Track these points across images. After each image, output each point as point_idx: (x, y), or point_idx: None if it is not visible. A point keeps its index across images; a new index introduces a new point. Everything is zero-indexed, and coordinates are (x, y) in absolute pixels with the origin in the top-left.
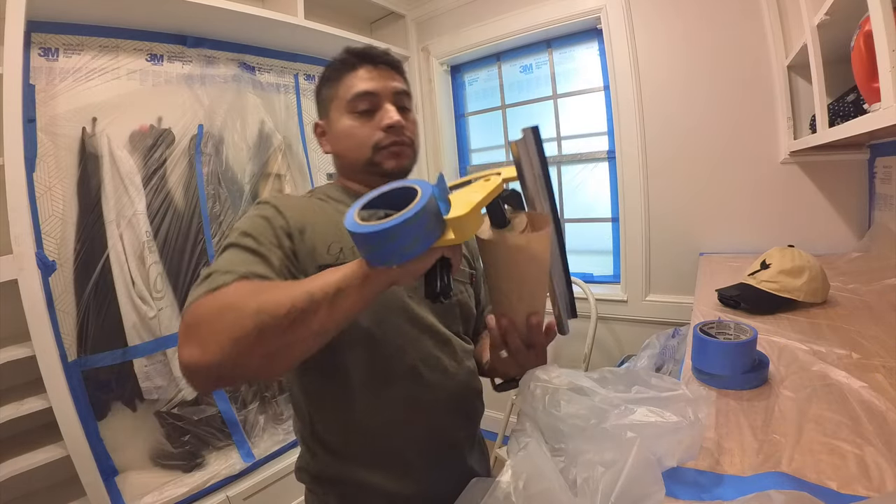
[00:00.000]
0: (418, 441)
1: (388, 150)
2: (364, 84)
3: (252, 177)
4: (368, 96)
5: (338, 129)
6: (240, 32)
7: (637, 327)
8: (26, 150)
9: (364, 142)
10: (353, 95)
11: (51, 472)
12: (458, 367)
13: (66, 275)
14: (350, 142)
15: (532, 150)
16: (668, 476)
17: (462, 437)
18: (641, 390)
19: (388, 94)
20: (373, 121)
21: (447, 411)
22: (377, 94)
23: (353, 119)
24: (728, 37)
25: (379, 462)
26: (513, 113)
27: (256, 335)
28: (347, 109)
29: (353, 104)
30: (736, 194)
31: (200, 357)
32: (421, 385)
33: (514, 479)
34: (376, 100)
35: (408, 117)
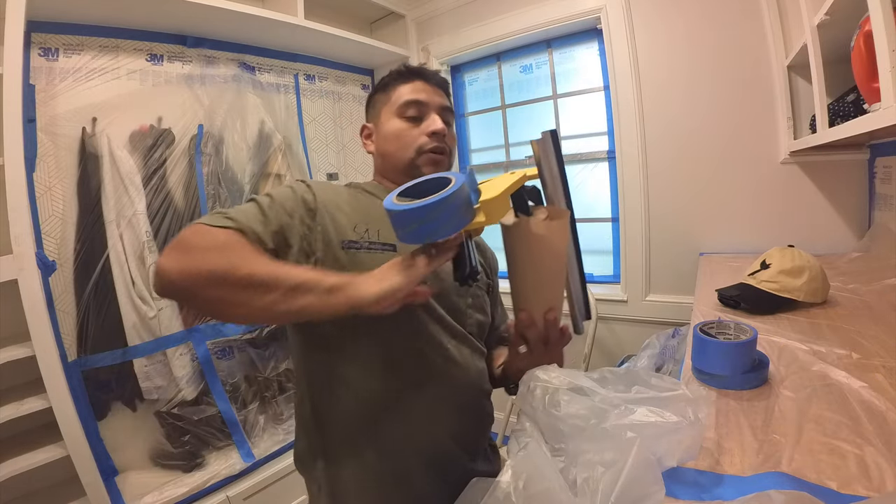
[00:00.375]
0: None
1: (429, 155)
2: (416, 94)
3: (252, 177)
4: (418, 104)
5: (386, 129)
6: (240, 32)
7: (637, 327)
8: (26, 150)
9: (410, 144)
10: (404, 101)
11: (51, 472)
12: (467, 361)
13: (66, 275)
14: (397, 143)
15: (550, 151)
16: (668, 476)
17: (467, 438)
18: (641, 390)
19: (435, 106)
20: (419, 127)
21: (452, 404)
22: (426, 104)
23: (402, 122)
24: (728, 37)
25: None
26: (513, 113)
27: (211, 277)
28: (397, 113)
29: (404, 109)
30: (736, 194)
31: (167, 267)
32: (425, 369)
33: (514, 479)
34: (424, 109)
35: (449, 132)
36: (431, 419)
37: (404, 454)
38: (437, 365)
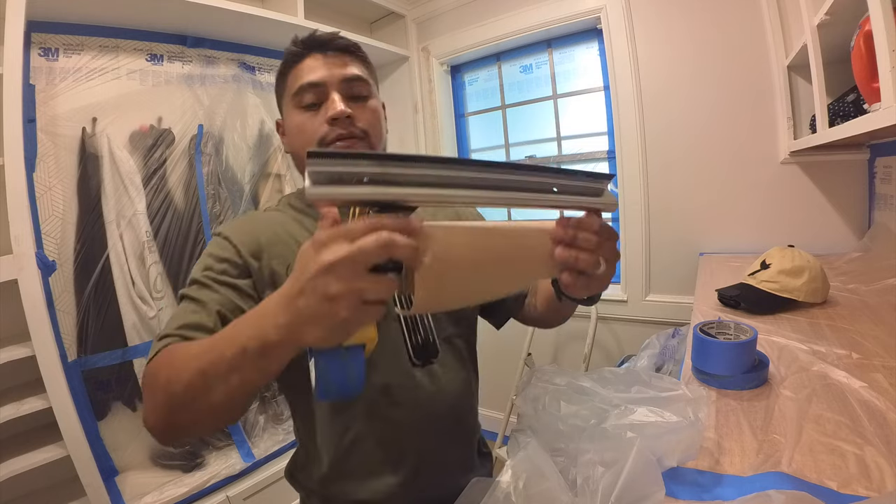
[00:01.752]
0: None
1: (335, 146)
2: (309, 75)
3: (252, 177)
4: (313, 88)
5: (289, 125)
6: (240, 32)
7: (637, 327)
8: (26, 150)
9: (311, 137)
10: (297, 88)
11: (51, 472)
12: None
13: (66, 275)
14: (299, 139)
15: None
16: (668, 476)
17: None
18: (641, 390)
19: (335, 82)
20: (320, 114)
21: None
22: (323, 83)
23: (301, 113)
24: (728, 37)
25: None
26: (513, 113)
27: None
28: (294, 104)
29: (299, 97)
30: (736, 194)
31: (147, 421)
32: (391, 404)
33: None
34: (323, 90)
35: (363, 106)
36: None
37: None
38: (405, 395)
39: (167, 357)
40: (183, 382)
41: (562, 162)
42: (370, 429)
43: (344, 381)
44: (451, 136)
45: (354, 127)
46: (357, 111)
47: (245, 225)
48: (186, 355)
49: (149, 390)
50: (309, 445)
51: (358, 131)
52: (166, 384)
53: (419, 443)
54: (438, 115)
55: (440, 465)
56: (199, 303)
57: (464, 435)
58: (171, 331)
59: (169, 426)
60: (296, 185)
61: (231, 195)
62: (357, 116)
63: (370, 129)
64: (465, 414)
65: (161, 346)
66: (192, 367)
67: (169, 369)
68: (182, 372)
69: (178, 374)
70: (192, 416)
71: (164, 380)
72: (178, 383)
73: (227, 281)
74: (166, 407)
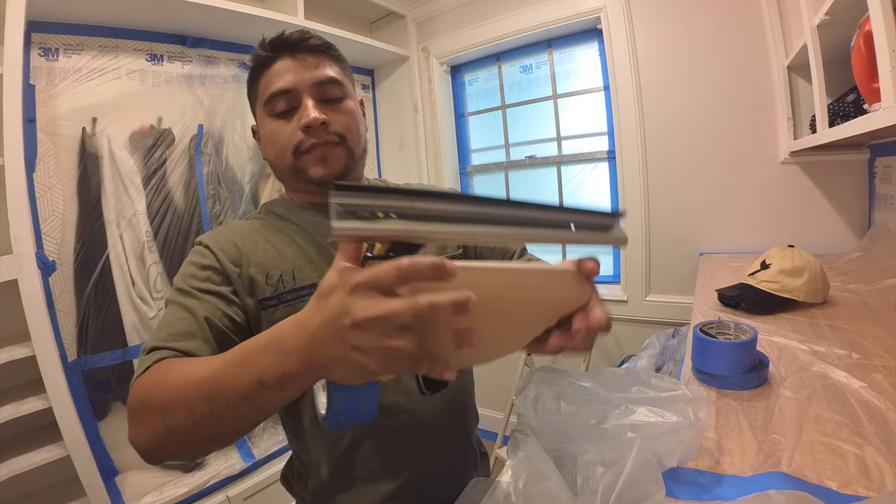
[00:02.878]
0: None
1: (311, 155)
2: (279, 81)
3: (252, 177)
4: (284, 94)
5: (263, 133)
6: (240, 32)
7: (637, 327)
8: (26, 150)
9: (285, 146)
10: (268, 96)
11: (51, 472)
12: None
13: (66, 275)
14: (273, 147)
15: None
16: (668, 476)
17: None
18: (641, 390)
19: (306, 87)
20: (293, 121)
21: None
22: (294, 89)
23: (273, 122)
24: (728, 37)
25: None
26: (513, 113)
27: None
28: (267, 111)
29: (271, 105)
30: (736, 194)
31: (134, 441)
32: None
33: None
34: (295, 96)
35: (338, 109)
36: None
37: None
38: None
39: (159, 377)
40: (184, 408)
41: (562, 162)
42: (364, 437)
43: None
44: (451, 137)
45: (329, 133)
46: (332, 115)
47: (224, 234)
48: (186, 379)
49: (139, 412)
50: (302, 456)
51: (334, 137)
52: (162, 409)
53: (414, 449)
54: (438, 115)
55: (436, 470)
56: (186, 309)
57: (459, 438)
58: (160, 342)
59: (162, 449)
60: None
61: (231, 195)
62: (332, 121)
63: (347, 133)
64: (460, 417)
65: (151, 362)
66: (195, 394)
67: (165, 392)
68: (182, 397)
69: (177, 399)
70: (194, 442)
71: (159, 403)
72: (179, 409)
73: (211, 289)
74: (163, 432)
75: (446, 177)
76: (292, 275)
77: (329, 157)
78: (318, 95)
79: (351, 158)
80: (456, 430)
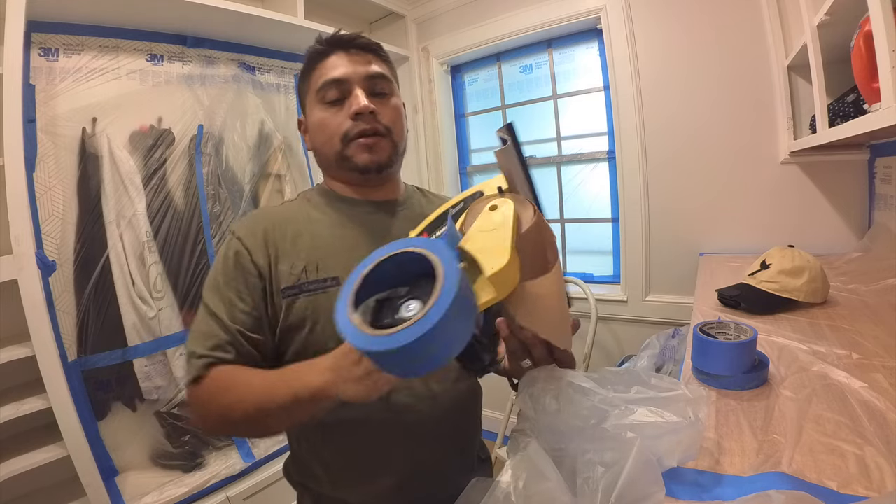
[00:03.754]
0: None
1: (358, 142)
2: (333, 71)
3: (252, 177)
4: (337, 84)
5: (312, 122)
6: (240, 32)
7: (637, 327)
8: (26, 150)
9: (334, 133)
10: (321, 84)
11: (51, 472)
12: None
13: (66, 275)
14: (322, 135)
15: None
16: (668, 476)
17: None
18: (641, 390)
19: (358, 79)
20: (343, 109)
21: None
22: (347, 80)
23: (324, 110)
24: (728, 37)
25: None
26: (513, 113)
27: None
28: (318, 100)
29: (323, 94)
30: (736, 194)
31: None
32: (390, 409)
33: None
34: (346, 87)
35: (386, 103)
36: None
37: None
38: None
39: (222, 383)
40: (241, 412)
41: (562, 162)
42: (364, 433)
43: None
44: (451, 137)
45: (378, 123)
46: (380, 107)
47: (259, 221)
48: (246, 388)
49: (203, 410)
50: (304, 448)
51: (381, 128)
52: (225, 410)
53: (414, 447)
54: (438, 115)
55: (435, 471)
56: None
57: (461, 441)
58: (206, 351)
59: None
60: (296, 185)
61: (231, 195)
62: (380, 112)
63: (393, 126)
64: (464, 421)
65: (202, 366)
66: (251, 401)
67: (227, 397)
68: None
69: (237, 404)
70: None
71: (222, 405)
72: (238, 412)
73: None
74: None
75: (446, 177)
76: (316, 266)
77: (376, 147)
78: (369, 88)
79: (395, 151)
80: (459, 433)
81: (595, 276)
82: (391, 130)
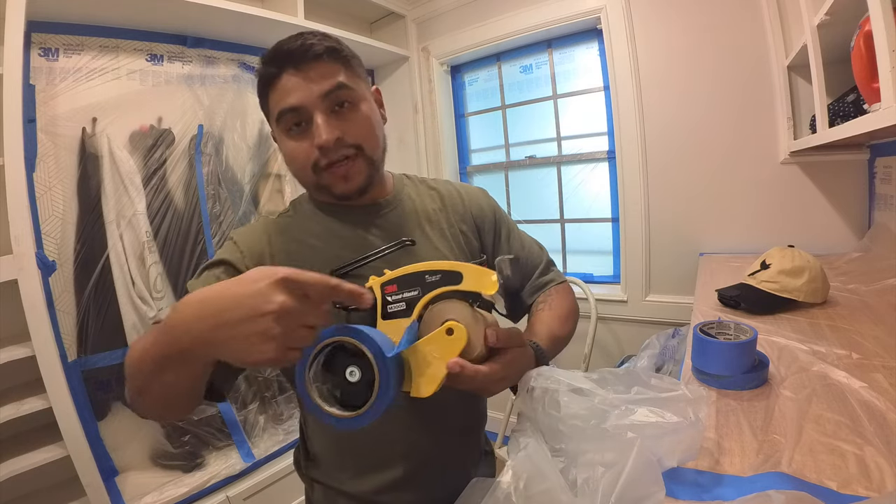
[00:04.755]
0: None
1: (330, 172)
2: (287, 98)
3: (252, 177)
4: (294, 112)
5: (282, 150)
6: (240, 32)
7: (637, 327)
8: (26, 150)
9: (304, 164)
10: (278, 114)
11: (51, 472)
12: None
13: (66, 275)
14: (293, 165)
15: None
16: (669, 476)
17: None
18: (641, 391)
19: (315, 101)
20: (307, 138)
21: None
22: (303, 106)
23: (288, 140)
24: (728, 37)
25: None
26: (513, 113)
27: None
28: (281, 129)
29: (283, 125)
30: (736, 194)
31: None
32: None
33: (515, 479)
34: (305, 112)
35: (350, 116)
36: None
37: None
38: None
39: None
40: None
41: (562, 162)
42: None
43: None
44: (451, 137)
45: (346, 147)
46: (345, 126)
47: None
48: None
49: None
50: (313, 439)
51: (351, 150)
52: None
53: (423, 439)
54: (438, 115)
55: (443, 462)
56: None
57: (468, 432)
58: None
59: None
60: (296, 185)
61: (231, 195)
62: (346, 133)
63: (364, 142)
64: (469, 411)
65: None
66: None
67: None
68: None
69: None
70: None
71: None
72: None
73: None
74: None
75: (446, 177)
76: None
77: (350, 174)
78: (329, 107)
79: (372, 166)
80: (466, 425)
81: (595, 276)
82: (363, 147)
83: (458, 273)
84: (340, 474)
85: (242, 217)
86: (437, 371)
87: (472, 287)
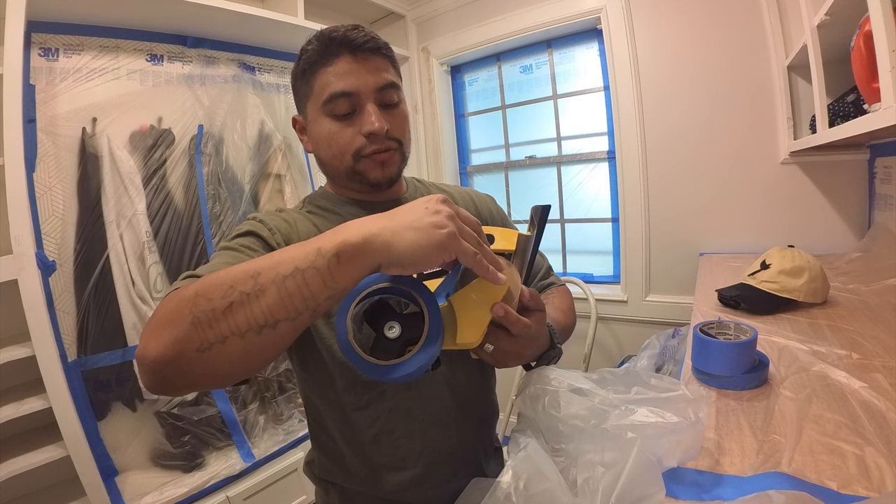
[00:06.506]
0: (424, 453)
1: (371, 159)
2: (341, 82)
3: (252, 177)
4: (347, 97)
5: (316, 132)
6: (240, 32)
7: (637, 327)
8: (26, 150)
9: (344, 149)
10: (329, 96)
11: (51, 472)
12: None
13: (66, 275)
14: (330, 149)
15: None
16: (669, 476)
17: (474, 448)
18: (641, 391)
19: (369, 92)
20: (354, 125)
21: (453, 423)
22: (357, 93)
23: (331, 123)
24: (728, 37)
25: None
26: (513, 113)
27: (190, 323)
28: (325, 112)
29: (331, 107)
30: (736, 194)
31: (144, 351)
32: (418, 397)
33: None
34: (356, 100)
35: (396, 113)
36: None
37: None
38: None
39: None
40: (222, 289)
41: (562, 162)
42: (394, 423)
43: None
44: (451, 137)
45: (389, 140)
46: (391, 121)
47: (279, 215)
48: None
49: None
50: (329, 443)
51: (393, 143)
52: (194, 297)
53: (441, 434)
54: (438, 115)
55: (460, 456)
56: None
57: (482, 424)
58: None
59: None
60: (296, 185)
61: (231, 195)
62: (392, 127)
63: (403, 138)
64: (483, 408)
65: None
66: (239, 273)
67: (202, 284)
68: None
69: (217, 281)
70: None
71: (191, 293)
72: (216, 290)
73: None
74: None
75: (446, 177)
76: None
77: (388, 163)
78: (380, 101)
79: (404, 161)
80: (482, 417)
81: (595, 276)
82: (402, 143)
83: (491, 235)
84: (358, 476)
85: (242, 217)
86: (481, 316)
87: (503, 247)
